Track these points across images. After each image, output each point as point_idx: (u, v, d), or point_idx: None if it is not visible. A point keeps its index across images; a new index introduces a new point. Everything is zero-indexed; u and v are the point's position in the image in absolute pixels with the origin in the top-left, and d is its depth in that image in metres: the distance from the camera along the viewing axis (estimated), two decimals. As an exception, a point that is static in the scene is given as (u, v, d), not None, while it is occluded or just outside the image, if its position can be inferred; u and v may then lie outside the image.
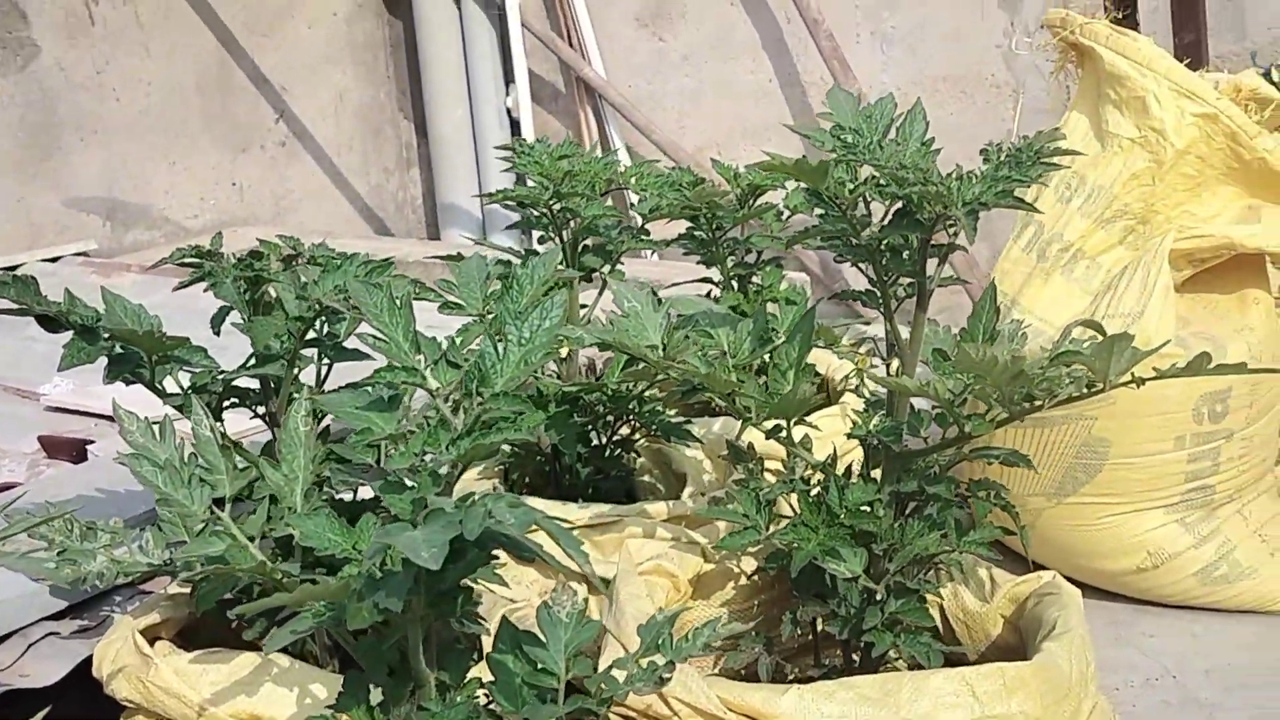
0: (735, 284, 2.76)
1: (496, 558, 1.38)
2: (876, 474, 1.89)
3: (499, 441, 1.45)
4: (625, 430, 2.43)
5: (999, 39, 4.64)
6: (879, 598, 1.82)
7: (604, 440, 2.40)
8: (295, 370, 1.94)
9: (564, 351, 2.47)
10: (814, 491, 1.90)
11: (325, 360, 2.01)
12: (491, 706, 1.49)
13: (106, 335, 1.79)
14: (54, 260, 4.37)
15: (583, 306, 2.53)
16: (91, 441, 2.68)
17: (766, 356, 1.88)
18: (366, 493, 1.74)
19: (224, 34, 4.98)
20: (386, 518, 1.51)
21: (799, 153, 1.84)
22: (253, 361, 1.88)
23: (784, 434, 1.88)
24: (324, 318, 1.98)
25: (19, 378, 3.16)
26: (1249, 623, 2.78)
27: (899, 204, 1.73)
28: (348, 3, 5.34)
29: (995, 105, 4.65)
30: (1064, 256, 2.81)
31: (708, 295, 2.72)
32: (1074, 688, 1.72)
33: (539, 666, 1.48)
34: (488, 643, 1.52)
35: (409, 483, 1.50)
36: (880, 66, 4.73)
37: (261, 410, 1.99)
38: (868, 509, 1.85)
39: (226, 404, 1.96)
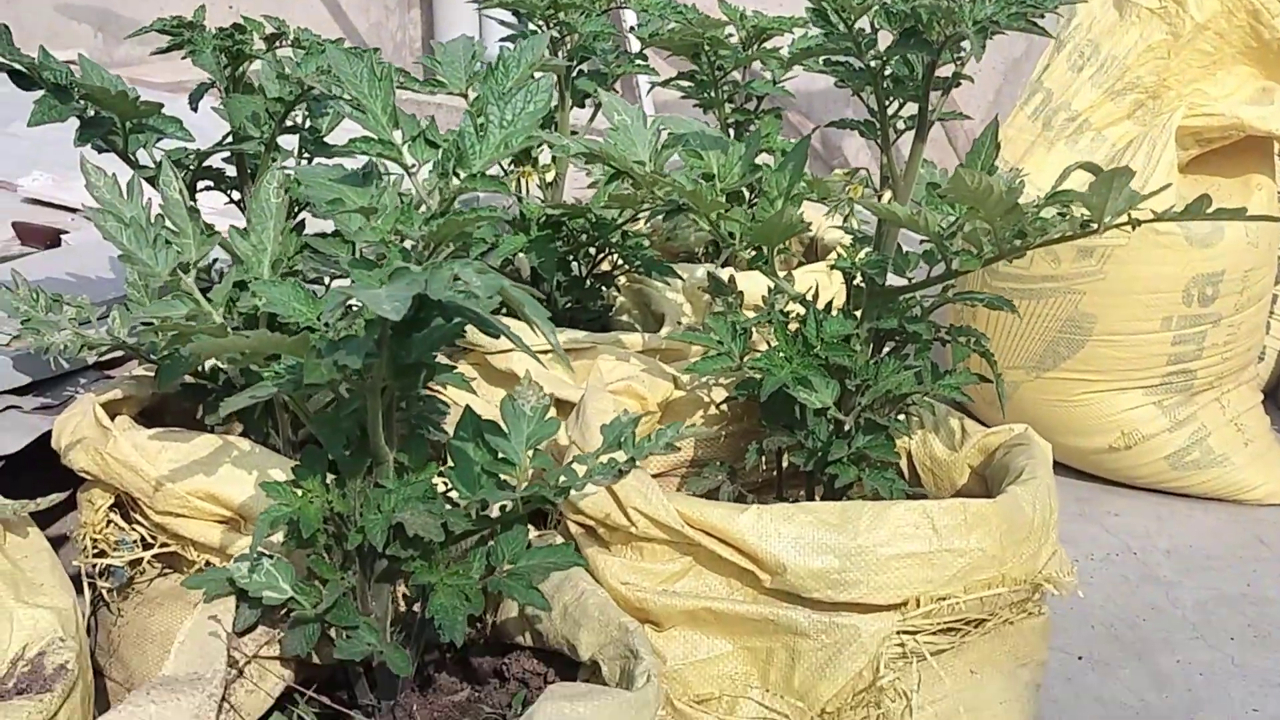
0: (732, 131, 2.70)
1: (463, 333, 1.35)
2: (858, 314, 1.86)
3: (473, 222, 1.40)
4: (606, 266, 2.39)
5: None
6: (847, 429, 1.80)
7: (584, 272, 2.36)
8: (273, 158, 1.88)
9: (550, 176, 2.41)
10: (792, 325, 1.87)
11: (305, 155, 1.96)
12: (450, 493, 1.47)
13: (80, 96, 1.73)
14: (41, 66, 4.29)
15: (573, 133, 2.47)
16: (66, 232, 2.63)
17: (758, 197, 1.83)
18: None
19: None
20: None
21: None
22: (229, 140, 1.83)
23: (765, 264, 1.84)
24: (306, 109, 1.93)
25: (-2, 170, 3.11)
26: (1214, 509, 2.79)
27: (907, 25, 1.67)
28: None
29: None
30: (1070, 126, 2.75)
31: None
32: (1035, 531, 1.71)
33: (499, 456, 1.46)
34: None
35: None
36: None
37: (237, 196, 1.95)
38: (844, 343, 1.81)
39: (201, 185, 1.91)
